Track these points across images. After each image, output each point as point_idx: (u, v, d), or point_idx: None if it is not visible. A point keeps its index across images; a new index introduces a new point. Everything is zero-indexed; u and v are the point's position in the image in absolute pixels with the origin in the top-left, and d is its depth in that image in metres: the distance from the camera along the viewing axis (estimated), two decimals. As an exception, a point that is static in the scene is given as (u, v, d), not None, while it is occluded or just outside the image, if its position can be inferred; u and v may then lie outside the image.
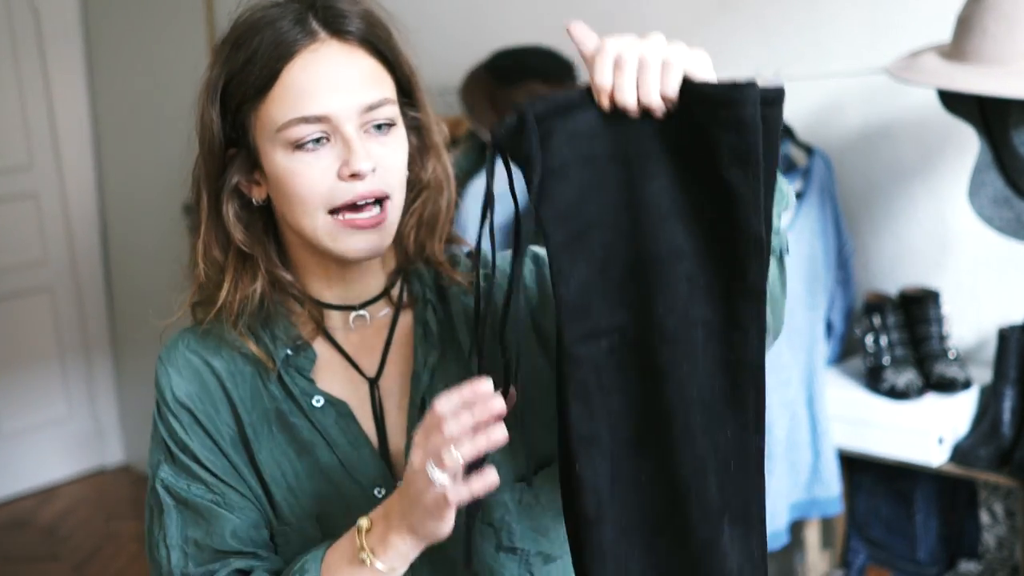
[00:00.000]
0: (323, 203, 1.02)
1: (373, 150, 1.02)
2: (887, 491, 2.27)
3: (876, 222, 2.31)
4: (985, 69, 1.74)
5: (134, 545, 3.78)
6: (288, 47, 1.01)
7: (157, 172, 4.00)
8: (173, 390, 1.10)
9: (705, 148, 0.87)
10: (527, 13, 2.82)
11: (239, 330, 1.09)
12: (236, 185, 1.07)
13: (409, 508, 0.93)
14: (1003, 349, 2.01)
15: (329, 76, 1.01)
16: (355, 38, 1.03)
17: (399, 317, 1.14)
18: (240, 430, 1.09)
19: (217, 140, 1.06)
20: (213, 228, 1.08)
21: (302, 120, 1.00)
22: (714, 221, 0.88)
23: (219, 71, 1.05)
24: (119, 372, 4.43)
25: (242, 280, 1.08)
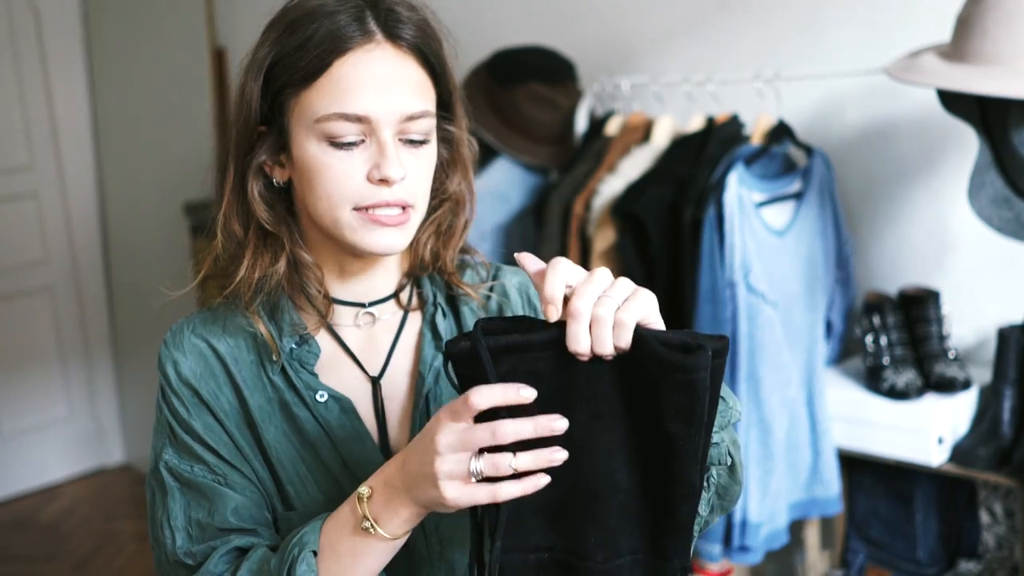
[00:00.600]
0: (349, 200, 1.03)
1: (405, 159, 1.03)
2: (887, 491, 2.27)
3: (876, 222, 2.31)
4: (985, 69, 1.74)
5: (134, 545, 3.78)
6: (343, 41, 1.01)
7: (157, 172, 4.00)
8: (177, 370, 1.10)
9: (653, 399, 0.89)
10: (527, 13, 2.82)
11: (252, 309, 1.09)
12: (262, 164, 1.08)
13: (414, 479, 0.93)
14: (1003, 349, 2.01)
15: (377, 78, 1.01)
16: (409, 45, 1.04)
17: (407, 320, 1.15)
18: (245, 411, 1.10)
19: (254, 116, 1.06)
20: (235, 202, 1.08)
21: (342, 116, 1.01)
22: (654, 465, 0.91)
23: (268, 50, 1.05)
24: (119, 372, 4.43)
25: (262, 258, 1.08)
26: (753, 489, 2.06)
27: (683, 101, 2.39)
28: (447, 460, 0.89)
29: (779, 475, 2.11)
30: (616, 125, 2.40)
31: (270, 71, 1.05)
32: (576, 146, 2.47)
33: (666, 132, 2.32)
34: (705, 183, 2.08)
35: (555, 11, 2.76)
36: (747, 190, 2.06)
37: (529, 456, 0.89)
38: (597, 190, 2.24)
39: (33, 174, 4.14)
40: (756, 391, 2.05)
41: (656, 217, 2.12)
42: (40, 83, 4.10)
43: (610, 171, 2.27)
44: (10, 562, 3.72)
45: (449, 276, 1.16)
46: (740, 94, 2.30)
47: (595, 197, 2.23)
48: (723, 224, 2.03)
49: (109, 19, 4.09)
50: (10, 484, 4.19)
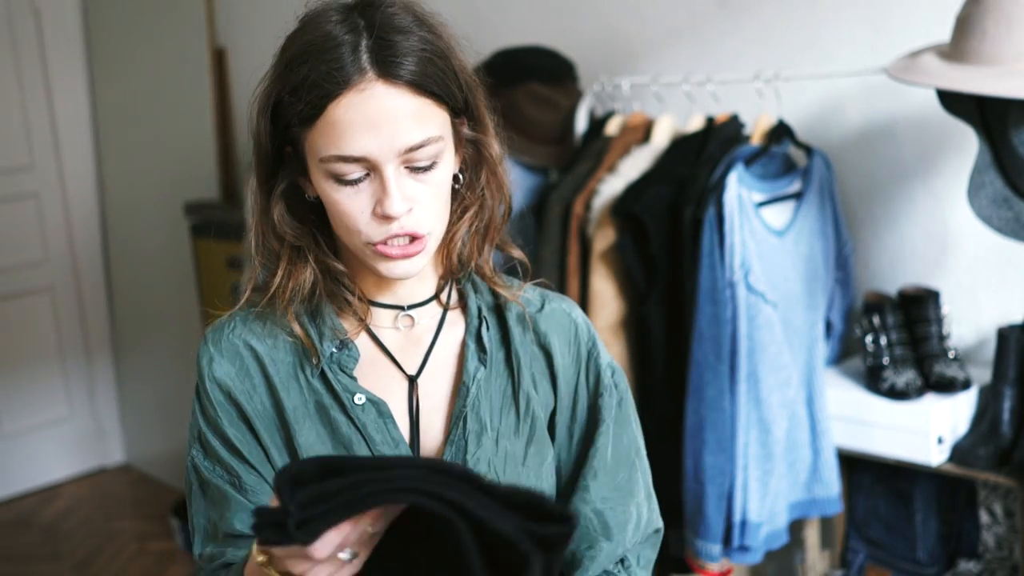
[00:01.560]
0: (361, 236, 1.05)
1: (409, 189, 1.04)
2: (887, 491, 2.27)
3: (876, 222, 2.31)
4: (984, 69, 1.74)
5: (134, 545, 3.78)
6: (335, 85, 1.01)
7: (157, 172, 4.00)
8: (212, 369, 1.13)
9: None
10: (527, 13, 2.82)
11: (290, 313, 1.11)
12: (286, 188, 1.10)
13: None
14: (1002, 349, 2.01)
15: (371, 119, 1.01)
16: (404, 81, 1.03)
17: (445, 320, 1.16)
18: (279, 412, 1.11)
19: (266, 149, 1.09)
20: (264, 224, 1.12)
21: (341, 159, 1.02)
22: None
23: (272, 87, 1.07)
24: (120, 372, 4.43)
25: (295, 268, 1.11)
26: (753, 489, 2.06)
27: (683, 101, 2.39)
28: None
29: (779, 475, 2.11)
30: (616, 125, 2.40)
31: (275, 109, 1.07)
32: (576, 146, 2.47)
33: (666, 132, 2.33)
34: (705, 183, 2.08)
35: (555, 11, 2.76)
36: (747, 190, 2.06)
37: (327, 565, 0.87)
38: (597, 190, 2.24)
39: (33, 174, 4.14)
40: (756, 391, 2.05)
41: (656, 217, 2.12)
42: (40, 83, 4.10)
43: (610, 171, 2.28)
44: (10, 562, 3.72)
45: (486, 279, 1.17)
46: (740, 94, 2.30)
47: (595, 197, 2.23)
48: (723, 224, 2.03)
49: (109, 19, 4.09)
50: (10, 484, 4.19)
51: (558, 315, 1.19)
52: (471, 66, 1.12)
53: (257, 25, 3.52)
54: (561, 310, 1.20)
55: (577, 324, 1.20)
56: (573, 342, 1.19)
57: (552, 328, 1.18)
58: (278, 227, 1.10)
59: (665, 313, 2.15)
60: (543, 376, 1.17)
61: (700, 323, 2.04)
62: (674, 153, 2.23)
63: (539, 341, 1.17)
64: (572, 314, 1.20)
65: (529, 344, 1.17)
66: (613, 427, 1.18)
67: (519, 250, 1.20)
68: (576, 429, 1.18)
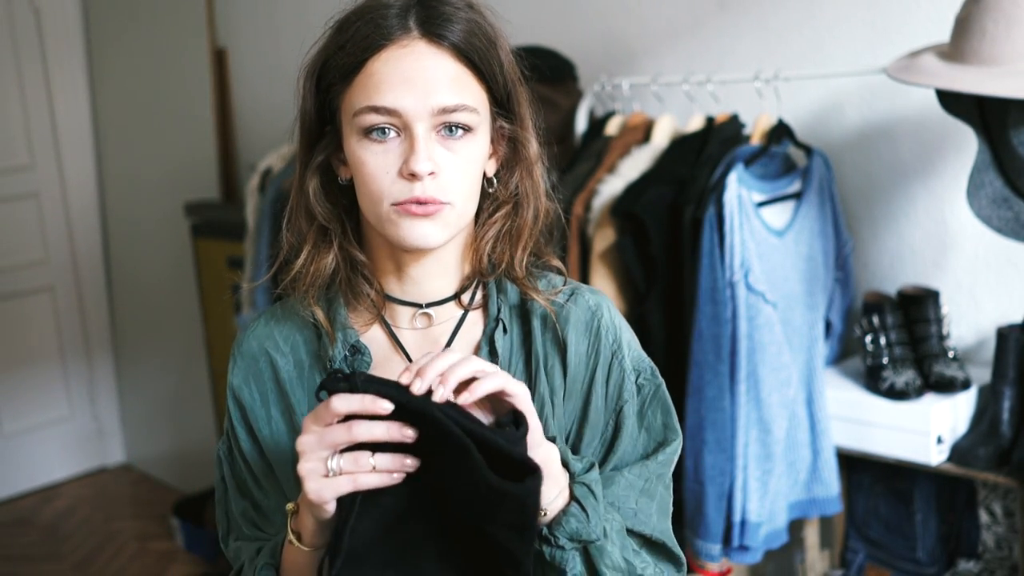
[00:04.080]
0: (387, 197, 1.04)
1: (438, 154, 1.03)
2: (886, 491, 2.27)
3: (875, 222, 2.31)
4: (984, 69, 1.74)
5: (134, 544, 3.78)
6: (377, 40, 1.03)
7: (157, 172, 4.00)
8: (233, 380, 1.15)
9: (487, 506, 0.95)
10: (527, 13, 2.82)
11: (311, 298, 1.11)
12: (321, 162, 1.10)
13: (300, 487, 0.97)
14: (1002, 349, 2.01)
15: (407, 73, 1.02)
16: (447, 43, 1.04)
17: (465, 320, 1.14)
18: (292, 420, 1.13)
19: (310, 117, 1.09)
20: (299, 198, 1.11)
21: (373, 109, 1.02)
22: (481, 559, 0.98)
23: (321, 50, 1.08)
24: (120, 372, 4.43)
25: (319, 252, 1.11)
26: (753, 489, 2.07)
27: (683, 101, 2.39)
28: (309, 459, 0.94)
29: (778, 475, 2.11)
30: (616, 125, 2.40)
31: (320, 72, 1.07)
32: (576, 146, 2.47)
33: (666, 132, 2.33)
34: (705, 183, 2.08)
35: (555, 11, 2.76)
36: (747, 190, 2.06)
37: (386, 456, 0.94)
38: (597, 190, 2.24)
39: (33, 174, 4.14)
40: (756, 391, 2.05)
41: (656, 217, 2.12)
42: (40, 83, 4.10)
43: (610, 171, 2.28)
44: (10, 562, 3.72)
45: (517, 281, 1.14)
46: (740, 94, 2.30)
47: (595, 197, 2.24)
48: (723, 224, 2.03)
49: (109, 19, 4.09)
50: (10, 484, 4.19)
51: (582, 309, 1.15)
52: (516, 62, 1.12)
53: (257, 25, 3.52)
54: (586, 305, 1.15)
55: (601, 321, 1.15)
56: (593, 339, 1.14)
57: (572, 320, 1.14)
58: (311, 203, 1.10)
59: (665, 313, 2.15)
60: (559, 370, 1.14)
61: (700, 323, 2.04)
62: (674, 153, 2.23)
63: (558, 334, 1.14)
64: (598, 311, 1.16)
65: (550, 340, 1.14)
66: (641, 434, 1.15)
67: (557, 260, 1.17)
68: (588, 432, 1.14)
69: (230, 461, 1.16)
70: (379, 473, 0.93)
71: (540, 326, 1.14)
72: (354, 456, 0.93)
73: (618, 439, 1.14)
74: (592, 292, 1.18)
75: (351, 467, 0.93)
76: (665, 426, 1.17)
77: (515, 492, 0.92)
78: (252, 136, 3.66)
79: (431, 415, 0.92)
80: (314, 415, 0.94)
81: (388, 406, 0.93)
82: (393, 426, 0.93)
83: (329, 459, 0.93)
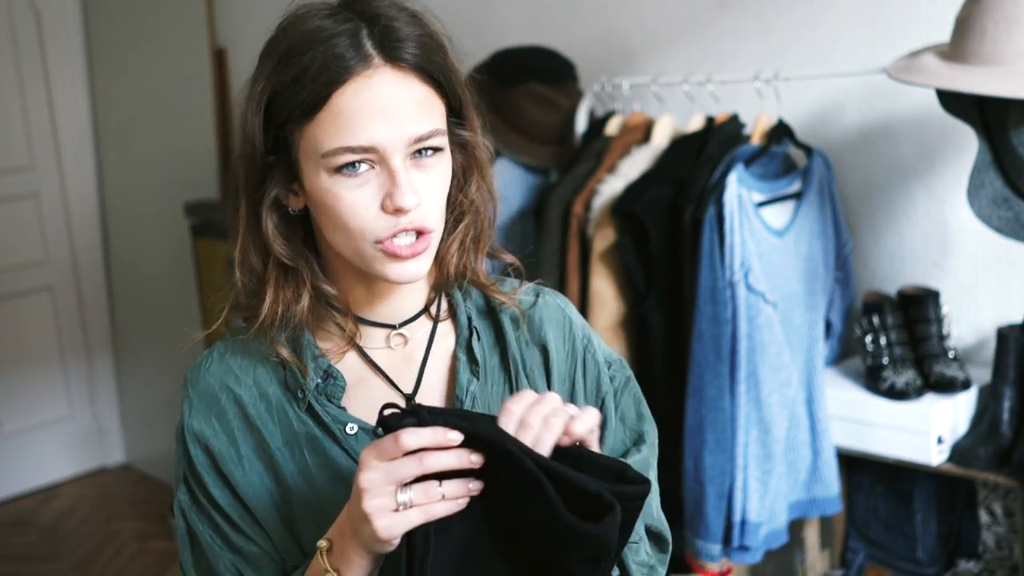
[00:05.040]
0: (368, 234, 1.00)
1: (417, 181, 1.00)
2: (886, 491, 2.27)
3: (876, 222, 2.31)
4: (984, 69, 1.74)
5: (134, 545, 3.78)
6: (340, 72, 0.97)
7: (157, 172, 4.00)
8: (192, 422, 1.08)
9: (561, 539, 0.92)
10: (527, 13, 2.82)
11: (275, 344, 1.07)
12: (275, 196, 1.05)
13: (355, 522, 0.93)
14: (1002, 349, 2.01)
15: (380, 106, 0.98)
16: (409, 65, 1.00)
17: (436, 332, 1.12)
18: (266, 455, 1.07)
19: (259, 152, 1.03)
20: (251, 237, 1.06)
21: (348, 150, 0.98)
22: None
23: (266, 84, 1.02)
24: (120, 372, 4.43)
25: (284, 292, 1.06)
26: (753, 489, 2.07)
27: (683, 101, 2.39)
28: (375, 495, 0.91)
29: (779, 475, 2.11)
30: (616, 125, 2.40)
31: (269, 106, 1.02)
32: (576, 146, 2.47)
33: (666, 132, 2.33)
34: (705, 183, 2.08)
35: (555, 11, 2.76)
36: (747, 190, 2.06)
37: (453, 483, 0.91)
38: (597, 190, 2.24)
39: (33, 174, 4.14)
40: (756, 391, 2.05)
41: (656, 217, 2.12)
42: (40, 83, 4.10)
43: (610, 171, 2.28)
44: (10, 562, 3.72)
45: (483, 287, 1.13)
46: (740, 94, 2.30)
47: (595, 197, 2.23)
48: (723, 224, 2.03)
49: (109, 19, 4.09)
50: (10, 484, 4.19)
51: (552, 308, 1.16)
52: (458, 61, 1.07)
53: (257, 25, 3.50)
54: (555, 304, 1.17)
55: (571, 319, 1.17)
56: (568, 336, 1.16)
57: (547, 320, 1.15)
58: (270, 243, 1.05)
59: (665, 313, 2.15)
60: (540, 371, 1.14)
61: (700, 323, 2.04)
62: (674, 153, 2.23)
63: (534, 336, 1.14)
64: (566, 309, 1.18)
65: (524, 342, 1.14)
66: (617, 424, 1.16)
67: (510, 255, 1.17)
68: None
69: (198, 512, 1.08)
70: (448, 501, 0.91)
71: (512, 327, 1.14)
72: (423, 487, 0.91)
73: (604, 433, 1.15)
74: (552, 291, 1.19)
75: (422, 499, 0.90)
76: (640, 416, 1.19)
77: (593, 533, 0.90)
78: (252, 136, 3.66)
79: (503, 447, 0.91)
80: (377, 450, 0.91)
81: (458, 437, 0.91)
82: (463, 454, 0.91)
83: (398, 493, 0.90)
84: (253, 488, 1.07)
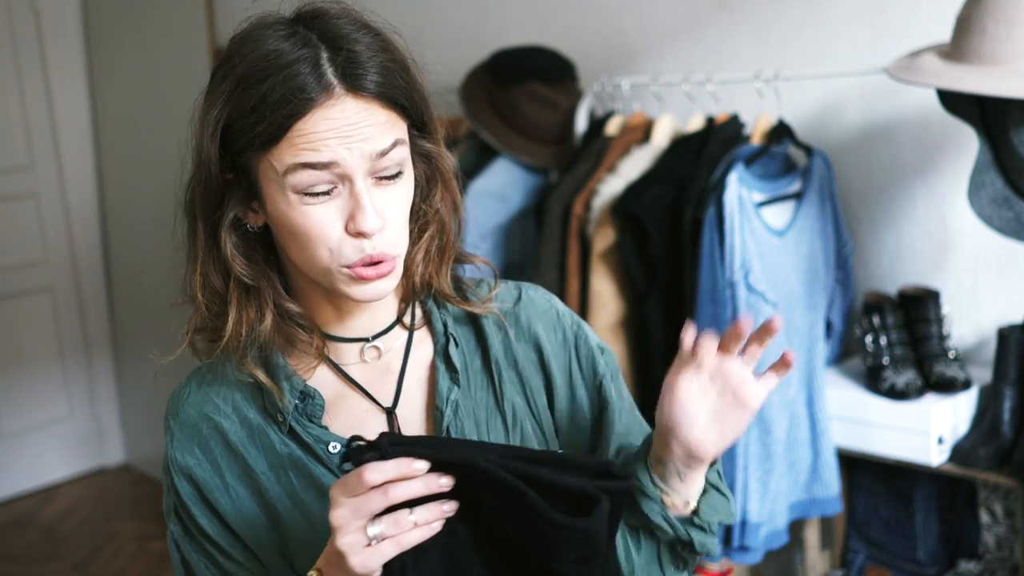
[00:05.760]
0: (334, 258, 0.99)
1: (381, 201, 0.99)
2: (887, 491, 2.27)
3: (876, 222, 2.31)
4: (985, 69, 1.74)
5: (134, 545, 3.78)
6: (301, 104, 0.96)
7: (157, 172, 3.99)
8: (175, 454, 1.08)
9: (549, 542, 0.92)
10: (527, 13, 2.82)
11: (247, 364, 1.05)
12: (234, 217, 1.04)
13: (334, 557, 0.92)
14: (1003, 349, 2.01)
15: (341, 129, 0.96)
16: (372, 94, 0.98)
17: (412, 342, 1.11)
18: (252, 481, 1.07)
19: (215, 176, 1.02)
20: (210, 259, 1.06)
21: (309, 167, 0.96)
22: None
23: (221, 109, 1.00)
24: (119, 372, 4.43)
25: (247, 312, 1.05)
26: (753, 489, 2.06)
27: (683, 101, 2.39)
28: (346, 532, 0.89)
29: (779, 475, 2.11)
30: (616, 125, 2.40)
31: (226, 133, 1.00)
32: (576, 146, 2.47)
33: (666, 132, 2.32)
34: (705, 183, 2.08)
35: (555, 11, 2.76)
36: (747, 190, 2.06)
37: (424, 509, 0.90)
38: (597, 190, 2.24)
39: (33, 174, 4.14)
40: (756, 391, 2.05)
41: (656, 217, 2.12)
42: (40, 83, 4.10)
43: (610, 171, 2.27)
44: (10, 562, 3.71)
45: (448, 298, 1.12)
46: (740, 94, 2.30)
47: (595, 197, 2.23)
48: (723, 224, 2.03)
49: (109, 19, 4.09)
50: (10, 484, 4.19)
51: (538, 302, 1.16)
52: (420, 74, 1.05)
53: (257, 25, 3.52)
54: (540, 297, 1.17)
55: (558, 309, 1.17)
56: (557, 327, 1.15)
57: (534, 315, 1.15)
58: (230, 263, 1.03)
59: (665, 313, 2.15)
60: (536, 368, 1.13)
61: (700, 323, 2.04)
62: (674, 153, 2.23)
63: (524, 333, 1.14)
64: (551, 300, 1.18)
65: (513, 343, 1.13)
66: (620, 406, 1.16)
67: (480, 257, 1.16)
68: (580, 417, 1.15)
69: (191, 542, 1.08)
70: (421, 528, 0.90)
71: (496, 332, 1.13)
72: (393, 518, 0.89)
73: (609, 414, 1.15)
74: (533, 286, 1.19)
75: (392, 530, 0.89)
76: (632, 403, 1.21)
77: (582, 528, 0.90)
78: (252, 136, 3.66)
79: (474, 465, 0.90)
80: (342, 487, 0.90)
81: (424, 465, 0.90)
82: (430, 479, 0.90)
83: (368, 527, 0.89)
84: (241, 514, 1.07)
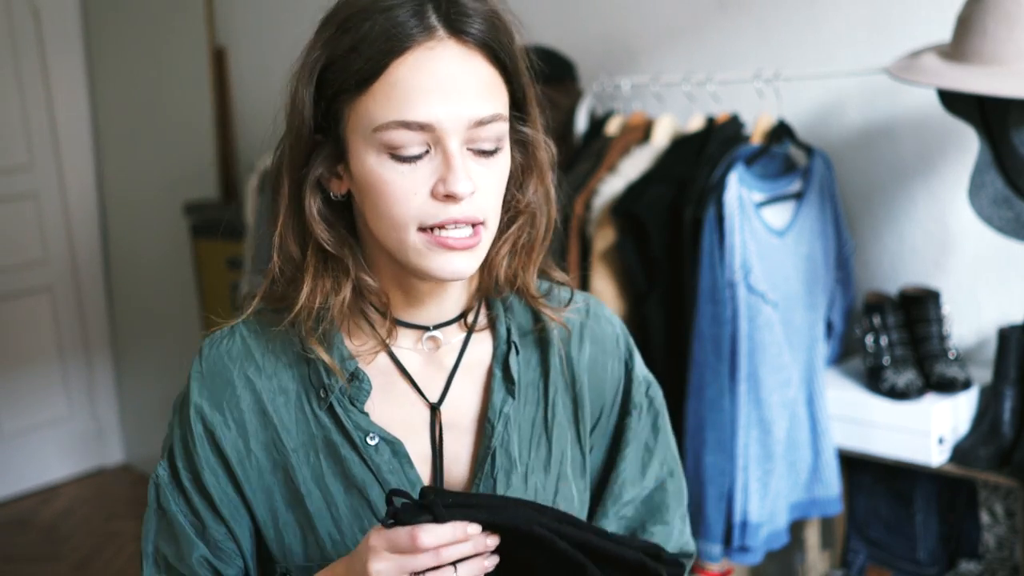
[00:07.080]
0: (413, 220, 0.93)
1: (474, 171, 0.93)
2: (887, 491, 2.27)
3: (876, 222, 2.31)
4: (985, 69, 1.74)
5: (134, 545, 3.78)
6: (400, 41, 0.91)
7: (157, 172, 4.00)
8: (200, 401, 1.02)
9: None
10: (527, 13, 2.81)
11: (313, 339, 0.99)
12: (319, 177, 0.98)
13: None
14: (1003, 349, 2.01)
15: (441, 80, 0.91)
16: (475, 41, 0.93)
17: (469, 342, 1.06)
18: (279, 454, 1.01)
19: (307, 126, 0.96)
20: (291, 220, 0.99)
21: (403, 125, 0.91)
22: None
23: (320, 52, 0.95)
24: (119, 372, 4.43)
25: (322, 282, 0.99)
26: (753, 489, 2.06)
27: (683, 101, 2.39)
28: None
29: (779, 475, 2.11)
30: (616, 125, 2.40)
31: (323, 75, 0.95)
32: (576, 146, 2.47)
33: (666, 132, 2.32)
34: (705, 183, 2.08)
35: (555, 11, 2.76)
36: (747, 190, 2.06)
37: (468, 565, 0.89)
38: (597, 190, 2.24)
39: (33, 174, 4.14)
40: (756, 391, 2.05)
41: (656, 217, 2.12)
42: (40, 83, 4.10)
43: (610, 171, 2.27)
44: (10, 562, 3.71)
45: (532, 300, 1.06)
46: (740, 94, 2.30)
47: (595, 197, 2.23)
48: (723, 224, 2.03)
49: (109, 19, 4.09)
50: (10, 484, 4.19)
51: (603, 323, 1.11)
52: (524, 53, 1.00)
53: (257, 25, 3.52)
54: (605, 316, 1.12)
55: (618, 335, 1.13)
56: (616, 354, 1.12)
57: (598, 336, 1.10)
58: (312, 226, 0.97)
59: (665, 313, 2.14)
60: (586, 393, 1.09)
61: (700, 323, 2.04)
62: (674, 153, 2.23)
63: (586, 354, 1.09)
64: (613, 322, 1.13)
65: (574, 359, 1.08)
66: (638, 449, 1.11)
67: (561, 272, 1.10)
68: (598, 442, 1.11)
69: (177, 491, 1.02)
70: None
71: (557, 344, 1.07)
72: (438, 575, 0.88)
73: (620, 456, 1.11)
74: (598, 302, 1.14)
75: None
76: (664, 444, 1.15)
77: None
78: (252, 136, 3.66)
79: (529, 532, 0.89)
80: (389, 543, 0.88)
81: (477, 529, 0.89)
82: (479, 540, 0.89)
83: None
84: (251, 484, 1.01)
